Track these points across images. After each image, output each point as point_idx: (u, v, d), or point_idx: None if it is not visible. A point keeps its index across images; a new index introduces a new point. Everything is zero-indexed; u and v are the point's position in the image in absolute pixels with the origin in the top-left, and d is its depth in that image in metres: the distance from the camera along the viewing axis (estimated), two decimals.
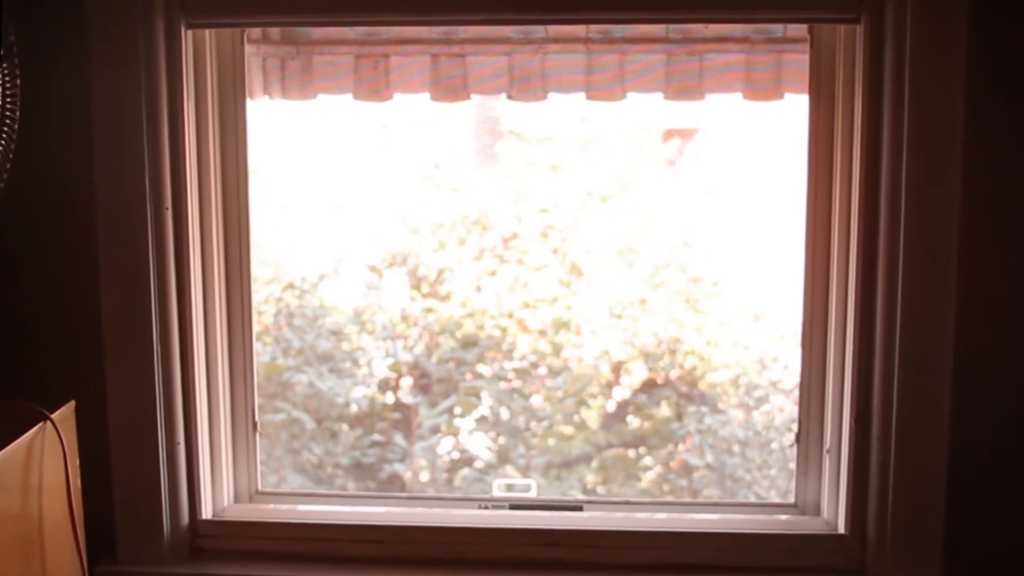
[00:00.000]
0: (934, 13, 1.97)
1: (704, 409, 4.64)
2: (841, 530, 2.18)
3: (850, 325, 2.12)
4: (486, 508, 2.34)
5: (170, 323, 2.14)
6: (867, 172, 2.05)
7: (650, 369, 4.63)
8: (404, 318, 4.68)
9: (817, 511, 2.26)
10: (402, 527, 2.25)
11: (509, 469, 4.57)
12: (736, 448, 4.57)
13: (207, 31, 2.16)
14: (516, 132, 4.59)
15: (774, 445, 4.50)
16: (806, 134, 2.19)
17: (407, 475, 4.59)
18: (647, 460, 4.63)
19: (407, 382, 4.70)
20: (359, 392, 4.68)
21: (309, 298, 4.73)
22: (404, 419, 4.71)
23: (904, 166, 2.01)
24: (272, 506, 2.34)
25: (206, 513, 2.26)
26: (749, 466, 4.57)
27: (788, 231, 2.29)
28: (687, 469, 4.58)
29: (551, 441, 4.61)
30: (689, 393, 4.66)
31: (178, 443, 2.18)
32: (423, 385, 4.71)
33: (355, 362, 4.72)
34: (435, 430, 4.66)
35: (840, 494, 2.19)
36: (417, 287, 4.68)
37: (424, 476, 4.60)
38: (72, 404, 1.88)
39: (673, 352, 4.60)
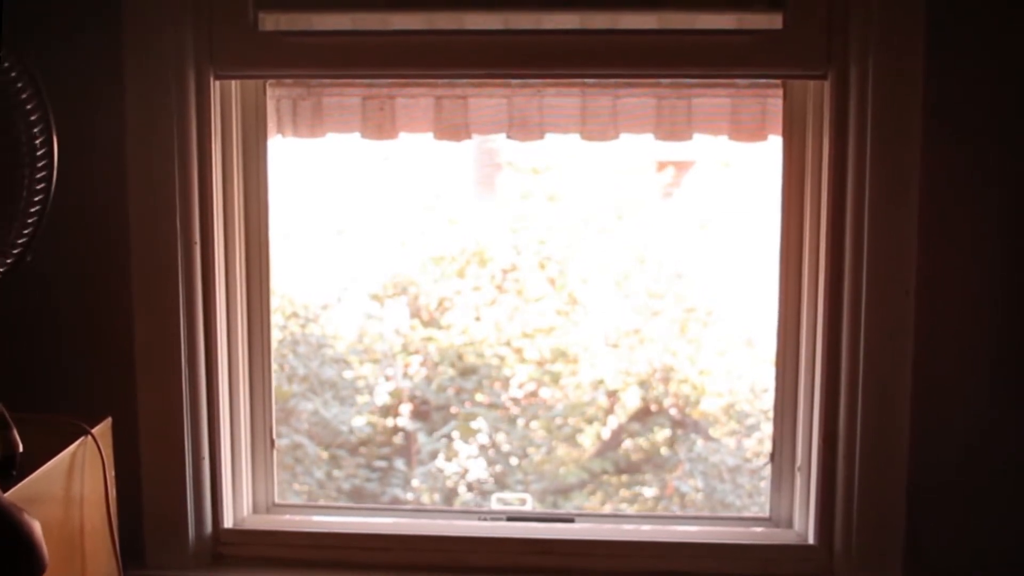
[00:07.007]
0: (894, 70, 2.11)
1: (696, 436, 4.73)
2: (811, 541, 2.29)
3: (819, 353, 2.25)
4: (485, 520, 2.44)
5: (197, 347, 2.25)
6: (833, 211, 2.18)
7: (644, 397, 4.72)
8: (404, 346, 4.75)
9: (789, 524, 2.38)
10: (408, 536, 2.36)
11: (506, 495, 4.61)
12: (726, 475, 4.63)
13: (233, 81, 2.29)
14: (514, 164, 4.65)
15: (764, 472, 4.54)
16: (780, 174, 2.31)
17: (407, 499, 4.65)
18: (640, 487, 4.72)
19: (407, 409, 4.78)
20: (361, 419, 4.73)
21: (313, 326, 4.78)
22: (405, 445, 4.78)
23: (867, 206, 2.14)
24: (288, 516, 2.44)
25: (227, 522, 2.36)
26: (739, 492, 4.60)
27: (776, 263, 2.40)
28: (679, 495, 4.65)
29: (547, 468, 4.69)
30: (682, 421, 4.73)
31: (203, 457, 2.29)
32: (422, 412, 4.75)
33: (357, 389, 4.80)
34: (434, 455, 4.73)
35: (810, 508, 2.29)
36: (418, 316, 4.76)
37: (424, 499, 4.66)
38: (109, 420, 1.96)
39: (667, 380, 4.66)
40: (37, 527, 1.48)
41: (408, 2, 2.18)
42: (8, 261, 1.75)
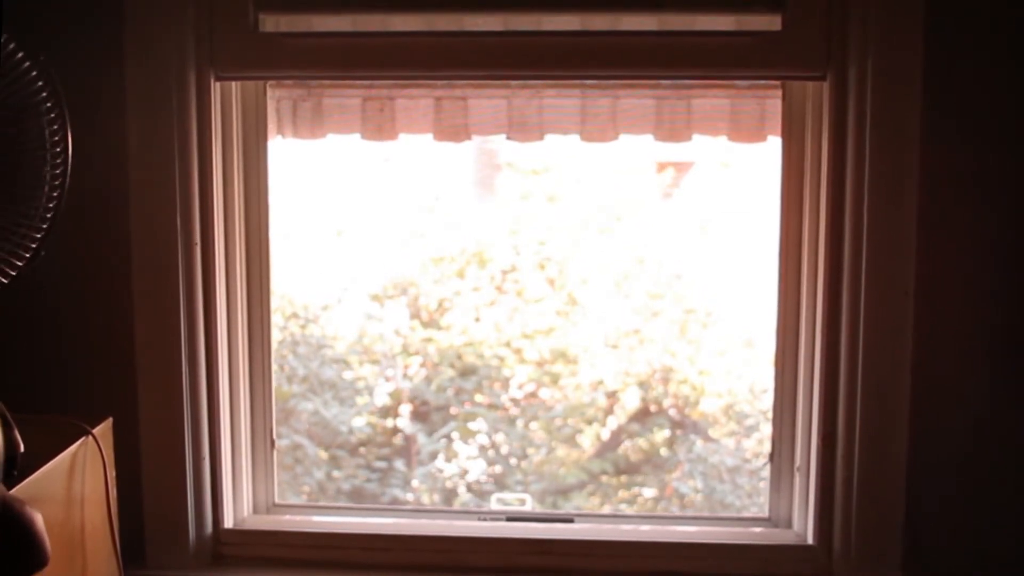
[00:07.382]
0: (893, 71, 2.12)
1: (695, 437, 4.72)
2: (810, 541, 2.29)
3: (818, 353, 2.25)
4: (485, 520, 2.44)
5: (197, 348, 2.26)
6: (832, 212, 2.19)
7: (643, 398, 4.71)
8: (404, 347, 4.75)
9: (788, 524, 2.38)
10: (408, 536, 2.36)
11: (506, 496, 4.60)
12: (726, 475, 4.62)
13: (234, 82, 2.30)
14: (514, 165, 4.64)
15: (763, 472, 4.54)
16: (779, 175, 2.32)
17: (407, 500, 4.64)
18: (639, 487, 4.72)
19: (406, 409, 4.78)
20: (361, 420, 4.72)
21: (313, 327, 4.77)
22: (404, 446, 4.78)
23: (866, 207, 2.14)
24: (288, 517, 2.44)
25: (228, 523, 2.36)
26: (739, 492, 4.60)
27: (775, 264, 2.41)
28: (678, 496, 4.66)
29: (547, 468, 4.68)
30: (681, 421, 4.72)
31: (203, 458, 2.29)
32: (422, 413, 4.75)
33: (356, 390, 4.79)
34: (434, 456, 4.72)
35: (809, 508, 2.30)
36: (417, 317, 4.75)
37: (424, 499, 4.66)
38: (110, 420, 1.96)
39: (666, 381, 4.66)
40: (39, 519, 1.50)
41: (408, 3, 2.19)
42: (27, 256, 1.78)
